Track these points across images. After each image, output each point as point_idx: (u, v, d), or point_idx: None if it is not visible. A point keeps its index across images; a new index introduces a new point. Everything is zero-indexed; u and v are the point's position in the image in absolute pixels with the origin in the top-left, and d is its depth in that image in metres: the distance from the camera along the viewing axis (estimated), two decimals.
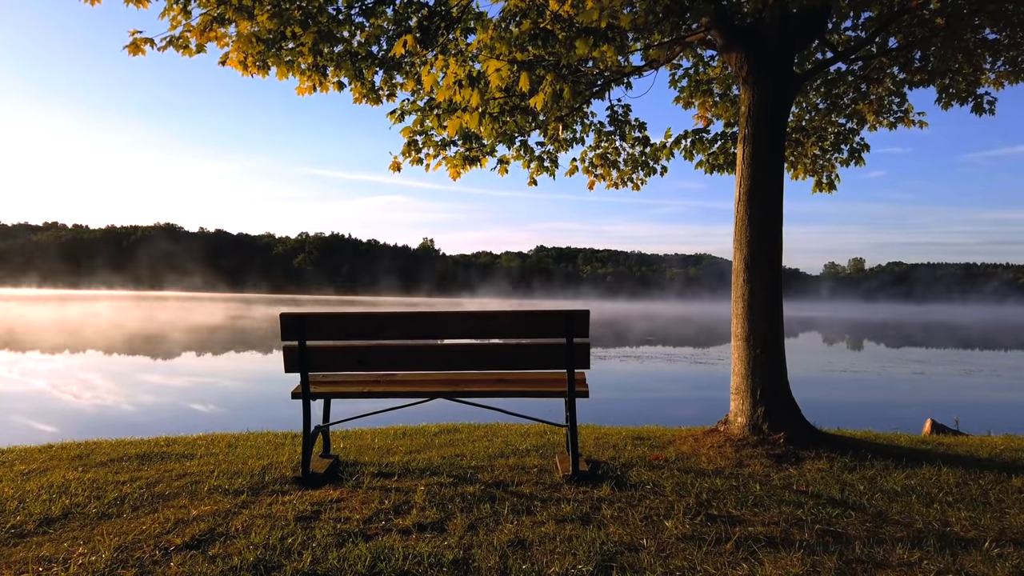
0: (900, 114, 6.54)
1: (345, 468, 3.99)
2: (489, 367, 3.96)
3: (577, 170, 7.07)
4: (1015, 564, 2.61)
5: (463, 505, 3.28)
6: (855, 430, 5.72)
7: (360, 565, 2.55)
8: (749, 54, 4.86)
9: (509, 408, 4.23)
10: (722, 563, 2.61)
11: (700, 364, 19.47)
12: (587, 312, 3.66)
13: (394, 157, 6.30)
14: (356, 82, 5.71)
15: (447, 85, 4.76)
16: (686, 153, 6.81)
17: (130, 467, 4.06)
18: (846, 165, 6.82)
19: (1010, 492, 3.63)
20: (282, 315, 3.68)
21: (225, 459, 4.28)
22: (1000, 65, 5.60)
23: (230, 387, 13.71)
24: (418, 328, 3.87)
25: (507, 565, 2.57)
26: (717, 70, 6.61)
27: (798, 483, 3.73)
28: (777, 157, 4.87)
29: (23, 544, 2.79)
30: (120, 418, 9.82)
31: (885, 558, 2.68)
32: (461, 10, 5.54)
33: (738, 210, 4.89)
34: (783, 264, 4.96)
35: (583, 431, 5.35)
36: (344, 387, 3.97)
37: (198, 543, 2.77)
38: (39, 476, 3.82)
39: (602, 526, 2.99)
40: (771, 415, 4.56)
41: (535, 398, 3.93)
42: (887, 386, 15.20)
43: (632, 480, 3.74)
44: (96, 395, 11.95)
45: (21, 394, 11.78)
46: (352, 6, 5.36)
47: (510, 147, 6.40)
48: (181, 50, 5.00)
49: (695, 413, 9.10)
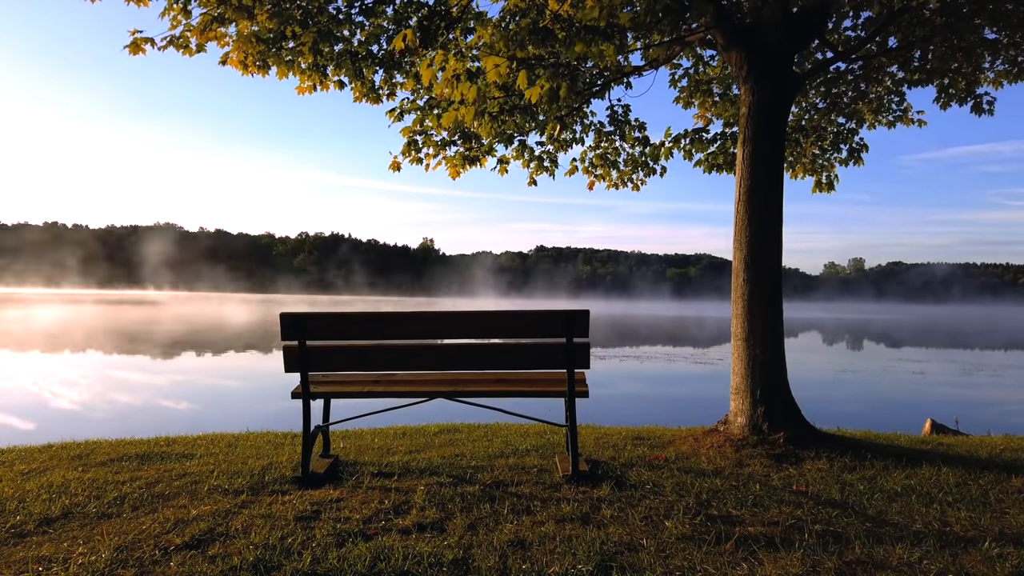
0: (899, 113, 6.54)
1: (345, 468, 3.99)
2: (489, 367, 3.96)
3: (577, 170, 7.06)
4: (1015, 564, 2.61)
5: (463, 505, 3.28)
6: (855, 430, 5.72)
7: (360, 565, 2.55)
8: (749, 54, 4.86)
9: (509, 408, 4.23)
10: (722, 563, 2.61)
11: (700, 364, 19.47)
12: (587, 312, 3.66)
13: (394, 157, 6.30)
14: (356, 81, 5.71)
15: (445, 79, 4.75)
16: (686, 153, 6.80)
17: (130, 467, 4.06)
18: (845, 165, 6.83)
19: (1010, 492, 3.63)
20: (282, 315, 3.68)
21: (225, 459, 4.28)
22: (999, 64, 5.61)
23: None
24: (418, 328, 3.88)
25: (507, 565, 2.57)
26: (717, 70, 6.61)
27: (798, 483, 3.73)
28: (777, 157, 4.87)
29: (23, 544, 2.79)
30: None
31: (885, 558, 2.68)
32: (461, 10, 5.54)
33: (738, 210, 4.89)
34: (783, 264, 4.96)
35: (583, 431, 5.36)
36: (344, 387, 3.97)
37: (198, 543, 2.77)
38: (39, 476, 3.82)
39: (602, 526, 2.99)
40: (771, 415, 4.56)
41: (535, 398, 3.93)
42: (887, 386, 15.21)
43: (632, 480, 3.74)
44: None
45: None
46: (352, 5, 5.36)
47: (509, 147, 6.40)
48: (181, 50, 5.00)
49: (695, 413, 9.11)
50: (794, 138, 6.75)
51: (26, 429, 8.62)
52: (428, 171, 6.38)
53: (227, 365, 17.85)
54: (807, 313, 75.32)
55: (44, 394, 11.70)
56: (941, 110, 5.88)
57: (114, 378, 14.31)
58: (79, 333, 27.05)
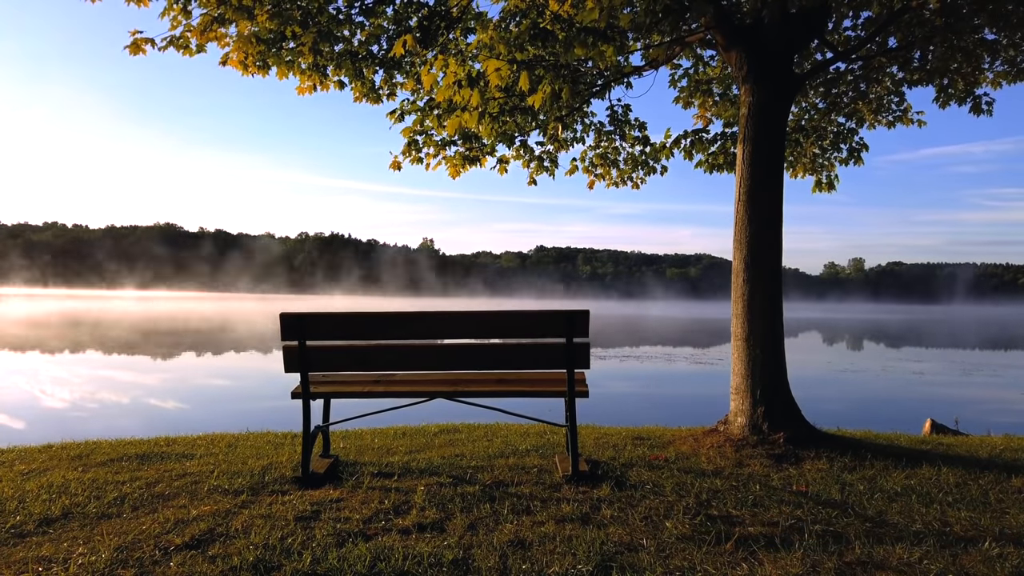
0: (899, 113, 6.55)
1: (345, 468, 3.99)
2: (489, 367, 3.96)
3: (577, 170, 7.07)
4: (1015, 564, 2.61)
5: (463, 505, 3.28)
6: (855, 430, 5.72)
7: (360, 565, 2.55)
8: (749, 54, 4.86)
9: (509, 408, 4.23)
10: (722, 563, 2.61)
11: (700, 364, 19.47)
12: (587, 312, 3.66)
13: (394, 156, 6.31)
14: (356, 81, 5.72)
15: (447, 85, 4.76)
16: (686, 153, 6.81)
17: (130, 467, 4.06)
18: (845, 164, 6.83)
19: (1010, 492, 3.63)
20: (282, 315, 3.68)
21: (225, 459, 4.28)
22: (999, 65, 5.61)
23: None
24: (418, 328, 3.87)
25: (507, 565, 2.57)
26: (717, 70, 6.61)
27: (798, 483, 3.73)
28: (777, 157, 4.87)
29: (23, 544, 2.79)
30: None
31: (885, 558, 2.68)
32: (461, 10, 5.55)
33: (738, 210, 4.89)
34: (783, 264, 4.96)
35: (583, 431, 5.35)
36: (344, 387, 3.97)
37: (198, 543, 2.77)
38: (39, 476, 3.82)
39: (602, 526, 2.99)
40: (771, 415, 4.56)
41: (535, 398, 3.93)
42: (887, 386, 15.20)
43: (632, 480, 3.74)
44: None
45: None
46: (352, 6, 5.36)
47: (510, 147, 6.41)
48: (181, 50, 5.00)
49: (695, 413, 9.11)
50: (794, 138, 6.75)
51: (18, 428, 8.62)
52: (429, 171, 6.40)
53: (225, 364, 17.87)
54: (807, 313, 75.29)
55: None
56: (940, 110, 5.89)
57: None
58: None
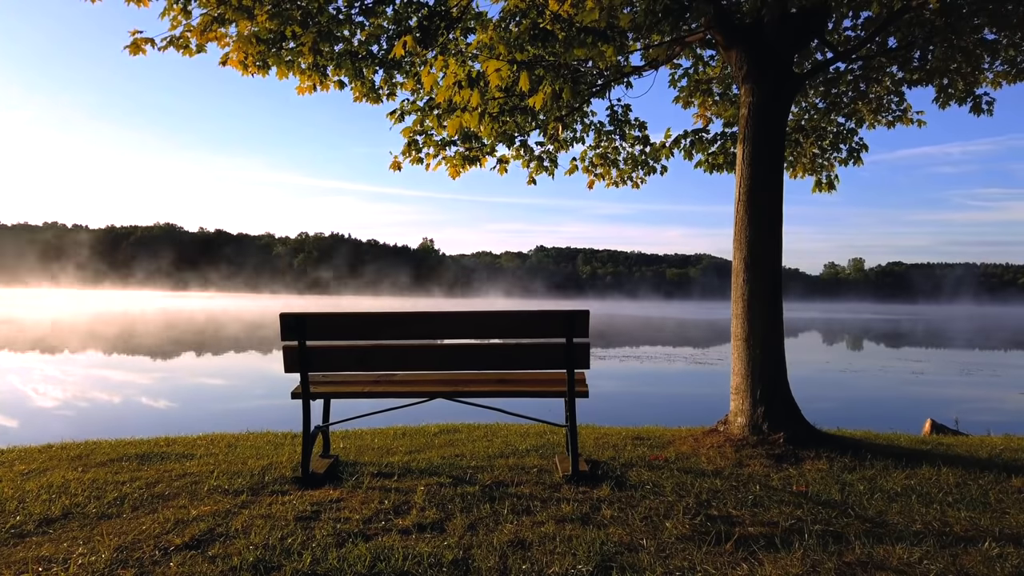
0: (899, 113, 6.54)
1: (345, 468, 3.99)
2: (489, 367, 3.96)
3: (577, 169, 7.07)
4: (1015, 564, 2.61)
5: (463, 505, 3.28)
6: (855, 430, 5.72)
7: (360, 565, 2.55)
8: (749, 54, 4.86)
9: (509, 408, 4.23)
10: (722, 563, 2.61)
11: (699, 364, 19.47)
12: (587, 312, 3.66)
13: (394, 156, 6.31)
14: (356, 81, 5.71)
15: (447, 85, 4.76)
16: (686, 153, 6.80)
17: (130, 467, 4.06)
18: (845, 164, 6.83)
19: (1010, 492, 3.63)
20: (282, 315, 3.67)
21: (225, 459, 4.28)
22: (999, 65, 5.61)
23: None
24: (418, 328, 3.87)
25: (507, 565, 2.57)
26: (717, 70, 6.61)
27: (798, 483, 3.73)
28: (777, 157, 4.87)
29: (23, 544, 2.79)
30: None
31: (885, 558, 2.68)
32: (461, 10, 5.54)
33: (738, 210, 4.89)
34: (783, 264, 4.96)
35: (583, 431, 5.35)
36: (344, 387, 3.97)
37: (198, 543, 2.77)
38: (39, 476, 3.82)
39: (602, 526, 2.99)
40: (771, 415, 4.55)
41: (535, 398, 3.93)
42: (887, 386, 15.20)
43: (632, 480, 3.74)
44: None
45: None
46: (352, 6, 5.36)
47: (510, 147, 6.40)
48: (181, 50, 5.00)
49: (695, 413, 9.10)
50: (794, 138, 6.75)
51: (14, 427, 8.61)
52: (429, 171, 6.40)
53: (223, 364, 17.86)
54: (807, 313, 75.26)
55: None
56: (940, 110, 5.88)
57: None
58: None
